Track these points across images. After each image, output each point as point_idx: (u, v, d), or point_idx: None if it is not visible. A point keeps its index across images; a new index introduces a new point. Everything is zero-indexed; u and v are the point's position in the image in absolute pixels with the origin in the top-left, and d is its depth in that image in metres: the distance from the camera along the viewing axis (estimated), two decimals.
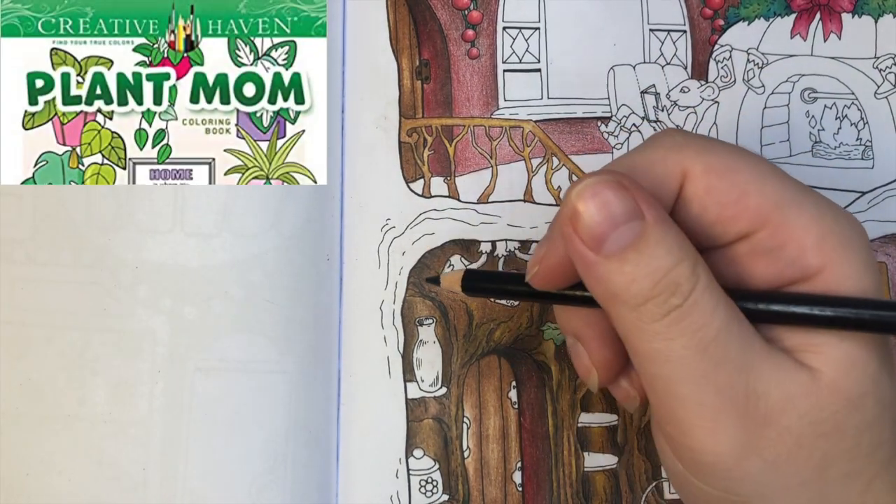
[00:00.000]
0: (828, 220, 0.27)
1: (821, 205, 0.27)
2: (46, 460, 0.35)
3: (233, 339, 0.36)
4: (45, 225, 0.36)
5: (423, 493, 0.37)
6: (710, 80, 0.40)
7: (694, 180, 0.27)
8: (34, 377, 0.35)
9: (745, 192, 0.27)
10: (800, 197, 0.27)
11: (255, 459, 0.35)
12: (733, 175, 0.27)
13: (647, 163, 0.28)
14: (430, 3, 0.40)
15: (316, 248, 0.37)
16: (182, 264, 0.36)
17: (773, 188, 0.27)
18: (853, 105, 0.40)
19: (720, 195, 0.27)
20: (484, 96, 0.40)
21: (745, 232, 0.27)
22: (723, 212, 0.27)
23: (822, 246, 0.26)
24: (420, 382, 0.37)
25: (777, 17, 0.40)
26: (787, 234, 0.27)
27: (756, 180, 0.27)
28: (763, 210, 0.27)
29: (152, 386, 0.35)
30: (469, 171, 0.39)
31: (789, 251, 0.27)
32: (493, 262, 0.38)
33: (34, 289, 0.36)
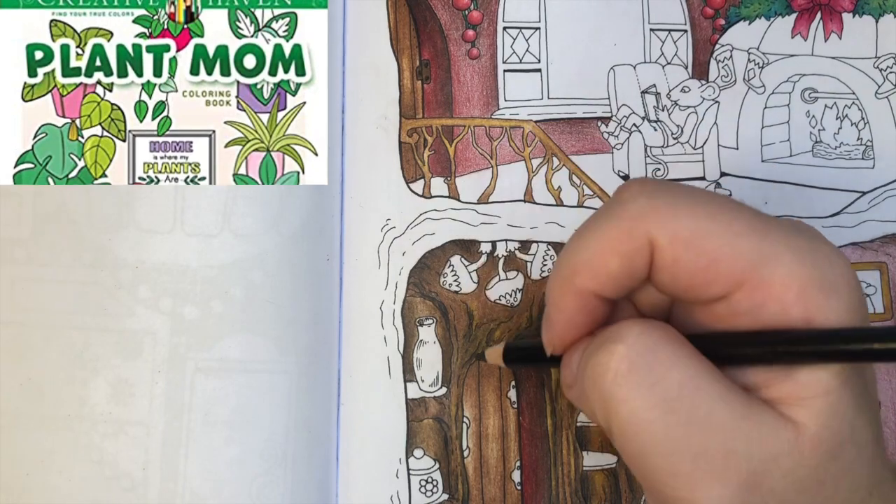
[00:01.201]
0: (807, 269, 0.25)
1: (800, 252, 0.25)
2: (46, 460, 0.35)
3: (233, 339, 0.36)
4: (45, 225, 0.36)
5: (423, 493, 0.37)
6: (710, 79, 0.40)
7: (661, 252, 0.26)
8: (34, 377, 0.35)
9: (714, 259, 0.25)
10: (776, 250, 0.25)
11: (255, 459, 0.35)
12: (701, 243, 0.25)
13: (614, 241, 0.27)
14: (430, 3, 0.40)
15: (316, 248, 0.37)
16: (182, 264, 0.36)
17: (744, 250, 0.25)
18: (854, 105, 0.40)
19: (688, 265, 0.26)
20: (484, 96, 0.39)
21: (720, 295, 0.26)
22: (693, 280, 0.26)
23: (803, 299, 0.25)
24: (420, 382, 0.37)
25: (778, 16, 0.40)
26: (765, 293, 0.25)
27: (726, 244, 0.25)
28: (736, 273, 0.25)
29: (152, 386, 0.35)
30: (469, 172, 0.39)
31: (770, 309, 0.25)
32: (493, 262, 0.38)
33: (34, 289, 0.36)
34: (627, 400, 0.26)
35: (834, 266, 0.25)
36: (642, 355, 0.26)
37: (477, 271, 0.38)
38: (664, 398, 0.25)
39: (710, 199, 0.26)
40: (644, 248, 0.26)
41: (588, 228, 0.27)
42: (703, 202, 0.26)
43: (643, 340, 0.26)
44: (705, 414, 0.25)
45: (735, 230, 0.25)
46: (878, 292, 0.39)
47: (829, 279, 0.25)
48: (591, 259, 0.27)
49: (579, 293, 0.28)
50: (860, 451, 0.26)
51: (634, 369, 0.26)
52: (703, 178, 0.39)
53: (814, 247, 0.26)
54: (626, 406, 0.26)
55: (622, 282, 0.27)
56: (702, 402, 0.25)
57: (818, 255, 0.25)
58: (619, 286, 0.27)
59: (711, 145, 0.40)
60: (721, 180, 0.39)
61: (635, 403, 0.25)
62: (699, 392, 0.25)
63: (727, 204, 0.26)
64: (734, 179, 0.39)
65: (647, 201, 0.26)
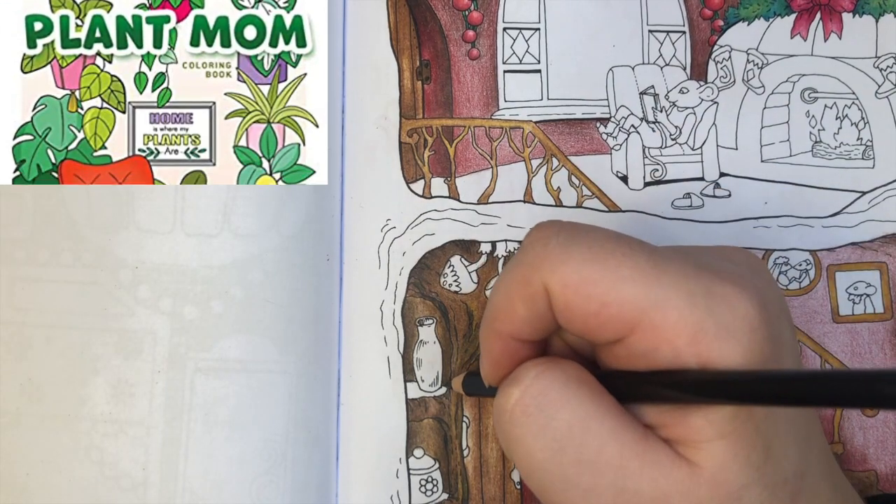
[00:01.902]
0: (699, 312, 0.25)
1: (693, 296, 0.25)
2: (46, 460, 0.35)
3: (233, 339, 0.36)
4: (45, 225, 0.36)
5: (424, 493, 0.37)
6: (709, 80, 0.40)
7: (554, 297, 0.27)
8: (34, 377, 0.35)
9: (602, 303, 0.26)
10: (667, 294, 0.25)
11: (255, 459, 0.35)
12: (589, 288, 0.26)
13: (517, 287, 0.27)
14: (430, 3, 0.40)
15: (316, 248, 0.37)
16: (182, 264, 0.36)
17: (632, 294, 0.25)
18: (854, 105, 0.40)
19: (578, 310, 0.26)
20: (484, 97, 0.40)
21: (615, 338, 0.26)
22: (586, 324, 0.26)
23: (695, 344, 0.25)
24: (420, 382, 0.37)
25: (777, 17, 0.40)
26: (656, 337, 0.25)
27: (613, 289, 0.25)
28: (626, 317, 0.25)
29: (152, 386, 0.35)
30: (469, 172, 0.39)
31: (663, 353, 0.25)
32: (493, 262, 0.38)
33: (34, 289, 0.36)
34: (522, 441, 0.27)
35: (733, 309, 0.25)
36: (534, 398, 0.27)
37: (477, 271, 0.38)
38: (554, 438, 0.26)
39: (605, 243, 0.27)
40: (541, 293, 0.27)
41: (502, 275, 0.29)
42: (597, 246, 0.26)
43: (537, 383, 0.27)
44: (594, 452, 0.26)
45: (623, 275, 0.26)
46: (878, 292, 0.39)
47: (724, 323, 0.25)
48: (502, 305, 0.28)
49: (499, 336, 0.29)
50: (773, 493, 0.26)
51: (526, 412, 0.27)
52: (702, 179, 0.39)
53: (711, 290, 0.25)
54: (522, 447, 0.27)
55: (533, 325, 0.28)
56: (591, 440, 0.26)
57: (715, 298, 0.25)
58: (532, 329, 0.28)
59: (710, 146, 0.40)
60: (720, 180, 0.39)
61: (528, 444, 0.27)
62: (588, 432, 0.26)
63: (622, 247, 0.26)
64: (734, 179, 0.39)
65: (542, 248, 0.27)
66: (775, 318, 0.26)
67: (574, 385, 0.27)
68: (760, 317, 0.25)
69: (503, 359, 0.29)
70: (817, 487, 0.28)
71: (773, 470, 0.26)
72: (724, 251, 0.30)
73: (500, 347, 0.29)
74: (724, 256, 0.29)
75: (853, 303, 0.39)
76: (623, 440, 0.26)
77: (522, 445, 0.27)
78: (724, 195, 0.39)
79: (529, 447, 0.27)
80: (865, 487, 0.37)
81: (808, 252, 0.39)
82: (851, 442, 0.38)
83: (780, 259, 0.39)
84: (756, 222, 0.39)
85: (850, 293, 0.39)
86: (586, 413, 0.26)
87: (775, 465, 0.26)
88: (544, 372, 0.28)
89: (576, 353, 0.31)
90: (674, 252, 0.27)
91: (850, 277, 0.39)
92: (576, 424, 0.26)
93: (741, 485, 0.25)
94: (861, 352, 0.38)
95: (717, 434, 0.25)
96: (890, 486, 0.37)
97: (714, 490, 0.25)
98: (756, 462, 0.26)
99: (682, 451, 0.26)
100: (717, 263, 0.27)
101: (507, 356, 0.29)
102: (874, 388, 0.20)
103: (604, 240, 0.27)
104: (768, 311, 0.26)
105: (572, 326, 0.27)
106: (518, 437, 0.27)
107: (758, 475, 0.26)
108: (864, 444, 0.38)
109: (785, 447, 0.27)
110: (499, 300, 0.29)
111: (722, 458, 0.25)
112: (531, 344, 0.29)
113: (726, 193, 0.39)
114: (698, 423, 0.25)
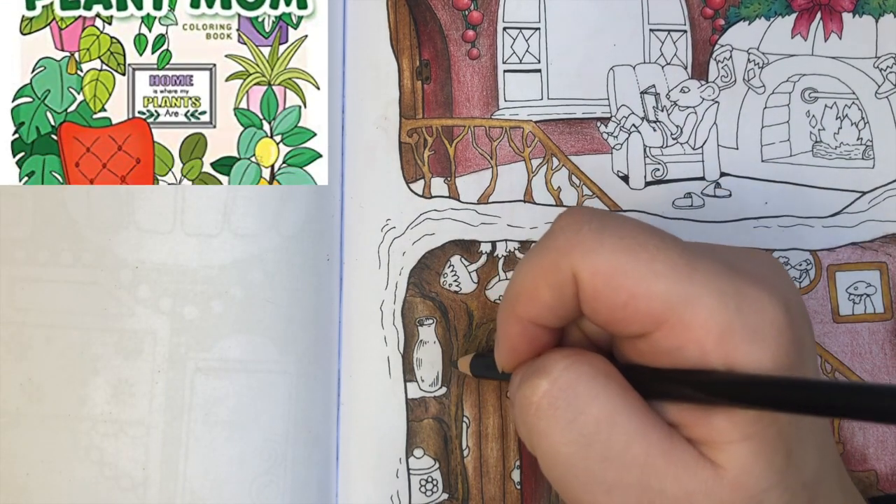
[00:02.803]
0: (729, 315, 0.25)
1: (724, 296, 0.25)
2: (46, 460, 0.35)
3: (233, 339, 0.36)
4: (45, 225, 0.36)
5: (423, 493, 0.37)
6: (710, 79, 0.40)
7: (583, 285, 0.26)
8: (34, 377, 0.35)
9: (632, 295, 0.25)
10: (697, 293, 0.25)
11: (255, 459, 0.35)
12: (619, 279, 0.25)
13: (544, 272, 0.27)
14: (430, 3, 0.40)
15: (316, 248, 0.37)
16: (182, 264, 0.36)
17: (663, 289, 0.25)
18: (854, 105, 0.40)
19: (607, 300, 0.26)
20: (484, 97, 0.39)
21: (640, 332, 0.26)
22: (613, 315, 0.26)
23: (723, 344, 0.24)
24: (420, 382, 0.37)
25: (778, 16, 0.40)
26: (683, 335, 0.25)
27: (645, 281, 0.25)
28: (654, 312, 0.25)
29: (152, 386, 0.35)
30: (469, 172, 0.39)
31: (689, 351, 0.25)
32: (493, 262, 0.38)
33: (34, 289, 0.36)
34: (548, 434, 0.27)
35: (762, 312, 0.25)
36: (563, 391, 0.27)
37: (477, 271, 0.38)
38: (582, 433, 0.26)
39: (638, 234, 0.26)
40: (569, 280, 0.26)
41: (527, 258, 0.28)
42: (630, 237, 0.26)
43: (566, 375, 0.27)
44: (621, 449, 0.26)
45: (655, 269, 0.25)
46: (879, 292, 0.39)
47: (752, 325, 0.25)
48: (526, 289, 0.28)
49: (519, 321, 0.28)
50: (794, 496, 0.26)
51: (554, 405, 0.27)
52: (703, 178, 0.39)
53: (741, 291, 0.25)
54: (547, 440, 0.27)
55: (556, 311, 0.28)
56: (618, 437, 0.26)
57: (745, 299, 0.25)
58: (554, 316, 0.28)
59: (711, 145, 0.40)
60: (721, 180, 0.39)
61: (555, 438, 0.26)
62: (616, 427, 0.26)
63: (654, 240, 0.26)
64: (734, 179, 0.39)
65: (574, 234, 0.26)
66: (799, 322, 0.26)
67: (602, 379, 0.27)
68: (787, 320, 0.25)
69: (521, 344, 0.29)
70: (831, 494, 0.28)
71: (794, 474, 0.26)
72: (749, 252, 0.29)
73: (520, 332, 0.29)
74: (751, 257, 0.29)
75: (853, 303, 0.39)
76: (650, 438, 0.26)
77: (547, 439, 0.27)
78: (724, 195, 0.39)
79: (555, 441, 0.26)
80: (865, 487, 0.37)
81: (809, 252, 0.39)
82: (851, 441, 0.38)
83: (781, 259, 0.39)
84: (756, 222, 0.39)
85: (851, 293, 0.39)
86: (614, 408, 0.26)
87: (796, 470, 0.26)
88: (573, 364, 0.27)
89: (593, 345, 0.30)
90: (705, 249, 0.27)
91: (850, 277, 0.39)
92: (603, 420, 0.26)
93: (763, 488, 0.25)
94: (861, 352, 0.38)
95: (740, 436, 0.25)
96: (890, 486, 0.37)
97: (736, 492, 0.25)
98: (778, 466, 0.26)
99: (705, 451, 0.26)
100: (744, 264, 0.27)
101: (525, 342, 0.29)
102: None
103: (637, 231, 0.26)
104: (793, 314, 0.26)
105: (597, 317, 0.27)
106: (543, 431, 0.27)
107: (779, 479, 0.26)
108: (864, 443, 0.38)
109: (805, 453, 0.26)
110: (523, 283, 0.28)
111: (745, 460, 0.25)
112: (550, 331, 0.29)
113: (727, 193, 0.39)
114: (722, 424, 0.25)
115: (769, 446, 0.25)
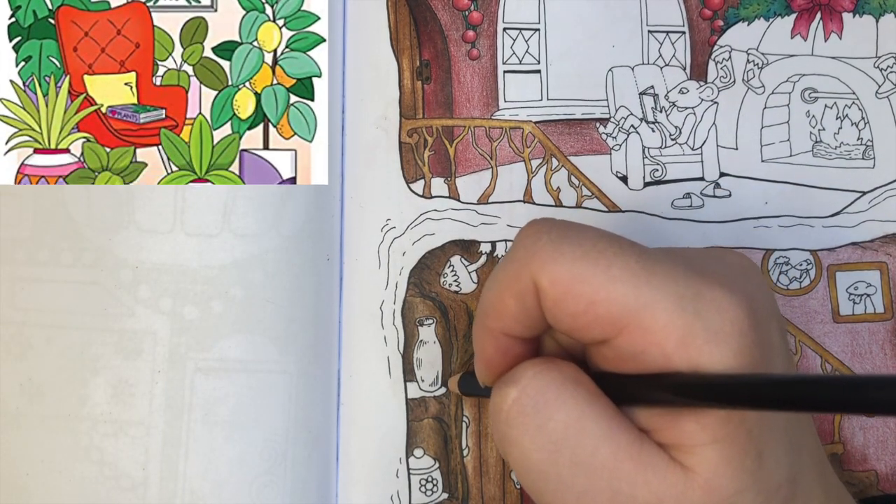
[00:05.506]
0: (688, 315, 0.25)
1: (682, 299, 0.25)
2: (46, 460, 0.35)
3: (233, 339, 0.36)
4: (45, 225, 0.36)
5: (423, 492, 0.37)
6: (709, 80, 0.40)
7: (543, 294, 0.26)
8: (34, 377, 0.35)
9: (591, 301, 0.26)
10: (655, 297, 0.25)
11: (255, 459, 0.35)
12: (578, 286, 0.26)
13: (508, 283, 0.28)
14: (430, 3, 0.40)
15: (316, 248, 0.37)
16: (182, 264, 0.36)
17: (620, 294, 0.25)
18: (854, 105, 0.40)
19: (567, 307, 0.26)
20: (484, 97, 0.40)
21: (602, 338, 0.26)
22: (575, 322, 0.26)
23: (685, 347, 0.25)
24: (420, 382, 0.37)
25: (777, 17, 0.40)
26: (644, 339, 0.25)
27: (602, 288, 0.25)
28: (614, 317, 0.25)
29: (152, 386, 0.35)
30: (469, 172, 0.39)
31: (652, 356, 0.25)
32: (493, 262, 0.38)
33: (34, 289, 0.36)
34: (519, 441, 0.27)
35: (722, 313, 0.25)
36: (532, 398, 0.27)
37: (477, 271, 0.38)
38: (550, 439, 0.26)
39: (597, 242, 0.26)
40: (530, 289, 0.27)
41: (494, 272, 0.29)
42: (588, 245, 0.26)
43: (534, 383, 0.27)
44: (589, 454, 0.26)
45: (612, 275, 0.26)
46: (879, 292, 0.39)
47: (713, 327, 0.25)
48: (493, 302, 0.28)
49: (491, 333, 0.29)
50: (769, 497, 0.26)
51: (524, 412, 0.27)
52: (702, 179, 0.39)
53: (701, 293, 0.25)
54: (518, 447, 0.27)
55: (523, 322, 0.28)
56: (586, 442, 0.26)
57: (704, 301, 0.25)
58: (522, 326, 0.28)
59: (710, 146, 0.40)
60: (720, 180, 0.39)
61: (524, 444, 0.27)
62: (584, 433, 0.26)
63: (613, 247, 0.26)
64: (734, 179, 0.39)
65: (532, 244, 0.27)
66: (764, 322, 0.26)
67: (571, 386, 0.27)
68: (749, 321, 0.25)
69: (496, 357, 0.29)
70: (810, 492, 0.28)
71: (766, 475, 0.26)
72: (717, 253, 0.30)
73: (493, 345, 0.29)
74: (717, 259, 0.29)
75: (853, 303, 0.39)
76: (618, 442, 0.26)
77: (518, 446, 0.27)
78: (724, 195, 0.39)
79: (525, 448, 0.27)
80: (865, 487, 0.37)
81: (809, 252, 0.39)
82: (851, 442, 0.38)
83: (781, 259, 0.39)
84: (756, 222, 0.39)
85: (851, 293, 0.39)
86: (582, 414, 0.26)
87: (769, 471, 0.26)
88: (542, 372, 0.27)
89: (568, 355, 0.30)
90: (665, 254, 0.27)
91: (850, 277, 0.39)
92: (571, 425, 0.26)
93: (735, 490, 0.25)
94: (861, 352, 0.38)
95: (709, 438, 0.25)
96: (890, 486, 0.37)
97: (708, 495, 0.25)
98: (750, 467, 0.26)
99: (676, 455, 0.26)
100: (708, 266, 0.27)
101: (499, 354, 0.29)
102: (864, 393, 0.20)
103: (595, 239, 0.27)
104: (757, 315, 0.26)
105: (560, 324, 0.27)
106: (514, 438, 0.27)
107: (751, 480, 0.26)
108: (864, 443, 0.38)
109: (777, 452, 0.27)
110: (490, 296, 0.29)
111: (715, 463, 0.25)
112: (524, 343, 0.29)
113: (726, 193, 0.39)
114: (690, 427, 0.25)
115: (739, 448, 0.25)
